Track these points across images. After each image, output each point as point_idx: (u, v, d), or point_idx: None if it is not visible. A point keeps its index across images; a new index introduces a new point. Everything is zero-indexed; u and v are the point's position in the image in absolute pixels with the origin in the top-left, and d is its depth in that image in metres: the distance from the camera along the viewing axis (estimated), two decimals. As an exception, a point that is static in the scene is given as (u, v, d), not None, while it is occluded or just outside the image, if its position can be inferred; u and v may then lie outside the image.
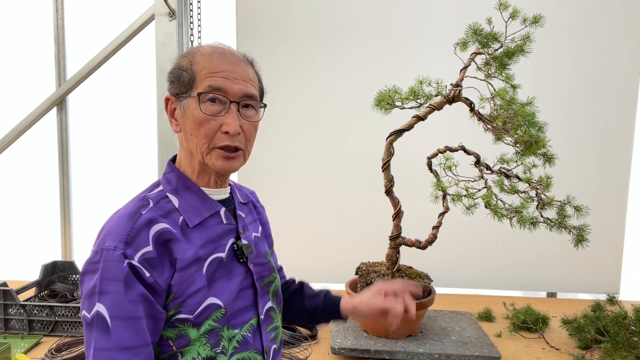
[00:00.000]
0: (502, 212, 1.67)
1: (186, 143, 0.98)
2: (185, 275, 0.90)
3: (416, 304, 1.71)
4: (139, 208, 0.91)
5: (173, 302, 0.89)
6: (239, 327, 0.98)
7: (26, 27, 2.78)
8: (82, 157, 2.84)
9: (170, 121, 1.00)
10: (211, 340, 0.93)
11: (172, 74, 0.98)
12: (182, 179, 0.99)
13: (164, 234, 0.89)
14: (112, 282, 0.84)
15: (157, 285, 0.87)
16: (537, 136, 1.60)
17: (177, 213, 0.94)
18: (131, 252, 0.85)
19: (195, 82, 0.94)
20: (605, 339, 1.73)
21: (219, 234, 0.99)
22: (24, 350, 1.72)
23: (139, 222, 0.88)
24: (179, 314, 0.90)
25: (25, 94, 2.77)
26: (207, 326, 0.92)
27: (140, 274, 0.85)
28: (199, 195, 0.99)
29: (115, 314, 0.83)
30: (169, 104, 1.00)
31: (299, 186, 2.59)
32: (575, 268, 2.51)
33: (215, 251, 0.97)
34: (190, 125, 0.94)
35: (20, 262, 2.79)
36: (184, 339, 0.91)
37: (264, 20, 2.54)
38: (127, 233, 0.86)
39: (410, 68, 2.27)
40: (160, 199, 0.95)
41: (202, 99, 0.92)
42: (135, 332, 0.84)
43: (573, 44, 2.44)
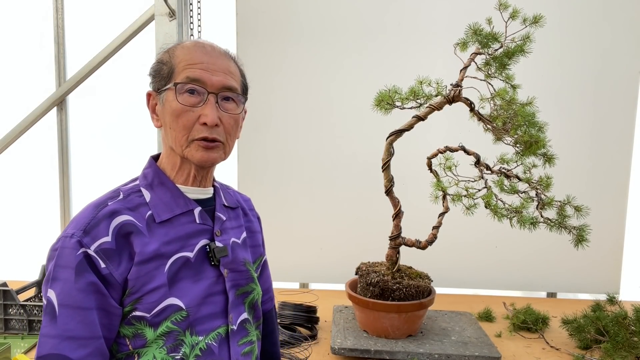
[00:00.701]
0: (502, 212, 1.67)
1: (166, 137, 0.96)
2: (143, 271, 0.88)
3: (416, 304, 1.73)
4: (106, 199, 0.91)
5: (129, 297, 0.87)
6: (204, 335, 0.93)
7: (26, 27, 2.78)
8: (82, 157, 2.84)
9: (152, 117, 0.99)
10: (168, 343, 0.89)
11: (152, 68, 0.97)
12: (159, 175, 0.98)
13: (125, 226, 0.88)
14: (64, 269, 0.83)
15: (112, 278, 0.85)
16: (537, 136, 1.59)
17: (147, 207, 0.93)
18: (88, 241, 0.84)
19: (174, 74, 0.93)
20: (605, 339, 1.73)
21: (189, 233, 0.96)
22: (24, 350, 1.72)
23: (102, 212, 0.87)
24: (135, 311, 0.87)
25: (25, 94, 2.77)
26: (164, 327, 0.89)
27: (96, 264, 0.84)
28: (174, 192, 0.97)
29: (63, 301, 0.82)
30: (150, 100, 0.99)
31: (299, 186, 2.59)
32: (575, 268, 2.51)
33: (181, 250, 0.93)
34: (169, 117, 0.93)
35: (20, 262, 2.79)
36: (140, 339, 0.88)
37: (264, 20, 2.54)
38: (87, 222, 0.86)
39: (410, 68, 2.27)
40: (131, 193, 0.94)
41: (179, 90, 0.91)
42: (83, 322, 0.82)
43: (573, 44, 2.44)
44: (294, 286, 2.63)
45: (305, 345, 1.80)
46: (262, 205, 2.58)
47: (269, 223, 2.61)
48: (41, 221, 2.87)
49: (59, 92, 2.72)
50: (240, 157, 2.58)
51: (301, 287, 2.65)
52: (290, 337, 1.83)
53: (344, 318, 1.98)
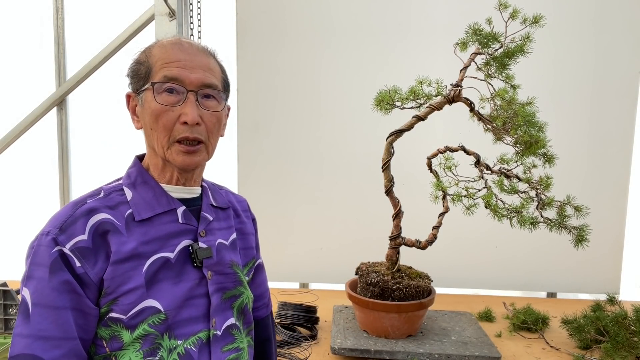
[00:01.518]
0: (502, 212, 1.67)
1: (147, 139, 0.94)
2: (120, 270, 0.85)
3: (416, 304, 1.73)
4: (86, 197, 0.90)
5: (105, 298, 0.84)
6: (183, 339, 0.90)
7: (26, 27, 2.78)
8: (82, 157, 2.84)
9: (132, 118, 0.97)
10: (145, 346, 0.86)
11: (129, 69, 0.94)
12: (142, 174, 0.96)
13: (103, 224, 0.86)
14: (39, 267, 0.82)
15: (87, 277, 0.83)
16: (537, 136, 1.59)
17: (127, 206, 0.91)
18: (63, 239, 0.82)
19: (152, 74, 0.90)
20: (605, 339, 1.73)
21: (170, 233, 0.93)
22: (24, 350, 1.71)
23: (79, 210, 0.86)
24: (112, 313, 0.85)
25: (25, 94, 2.77)
26: (141, 330, 0.86)
27: (71, 263, 0.82)
28: (156, 191, 0.94)
29: (36, 300, 0.80)
30: (130, 101, 0.96)
31: (299, 186, 2.59)
32: (575, 268, 2.51)
33: (161, 250, 0.90)
34: (149, 118, 0.90)
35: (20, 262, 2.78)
36: (117, 342, 0.85)
37: (264, 20, 2.54)
38: (64, 220, 0.84)
39: (410, 68, 2.27)
40: (112, 191, 0.93)
41: (157, 90, 0.88)
42: (57, 322, 0.80)
43: (573, 44, 2.44)
44: (294, 286, 2.63)
45: (305, 345, 1.80)
46: (262, 206, 2.59)
47: (269, 223, 2.62)
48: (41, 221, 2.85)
49: (59, 92, 2.72)
50: (240, 157, 2.58)
51: (301, 287, 2.65)
52: (290, 337, 1.83)
53: (344, 318, 1.98)
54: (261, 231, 1.25)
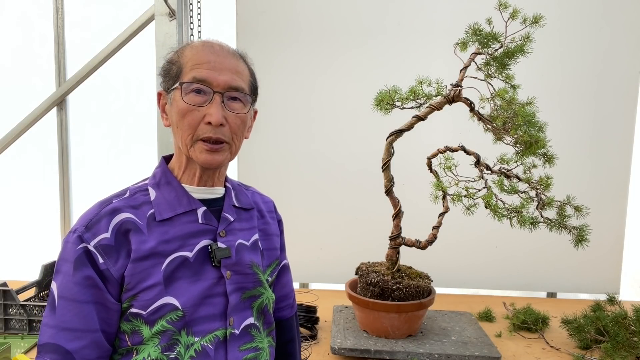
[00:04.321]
0: (502, 212, 1.67)
1: (174, 137, 0.98)
2: (139, 268, 0.89)
3: (416, 304, 1.73)
4: (113, 197, 0.95)
5: (126, 293, 0.89)
6: (200, 336, 0.92)
7: (26, 27, 2.78)
8: (82, 157, 2.84)
9: (162, 116, 1.00)
10: (163, 342, 0.89)
11: (162, 68, 0.99)
12: (166, 174, 0.99)
13: (125, 223, 0.90)
14: (65, 262, 0.87)
15: (109, 273, 0.87)
16: (537, 136, 1.59)
17: (150, 206, 0.94)
18: (89, 237, 0.87)
19: (182, 74, 0.93)
20: (605, 339, 1.73)
21: (190, 233, 0.95)
22: (24, 350, 1.72)
23: (105, 209, 0.91)
24: (132, 308, 0.89)
25: (25, 94, 2.77)
26: (159, 326, 0.89)
27: (94, 259, 0.87)
28: (178, 192, 0.97)
29: (62, 293, 0.86)
30: (160, 99, 1.00)
31: (299, 186, 2.59)
32: (575, 268, 2.51)
33: (180, 249, 0.93)
34: (176, 116, 0.94)
35: (20, 262, 2.79)
36: (138, 336, 0.89)
37: (264, 20, 2.54)
38: (90, 218, 0.90)
39: (410, 68, 2.27)
40: (138, 191, 0.97)
41: (185, 89, 0.91)
42: (79, 315, 0.85)
43: (573, 44, 2.44)
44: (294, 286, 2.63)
45: (305, 345, 1.80)
46: (262, 205, 2.58)
47: (269, 223, 2.61)
48: (41, 221, 2.87)
49: (59, 92, 2.72)
50: (240, 157, 2.58)
51: (301, 287, 2.65)
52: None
53: (344, 318, 1.98)
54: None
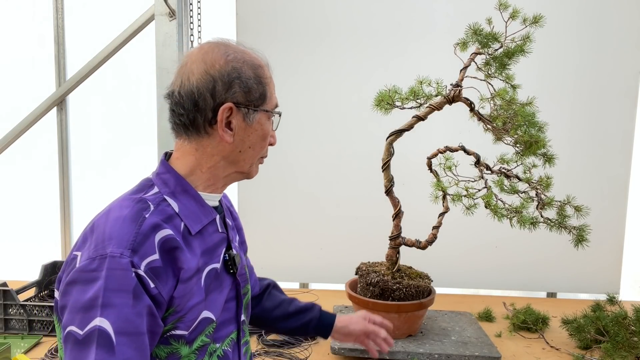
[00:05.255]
0: (502, 212, 1.67)
1: (230, 154, 0.92)
2: (188, 288, 0.84)
3: (416, 304, 1.73)
4: (140, 210, 0.83)
5: (172, 316, 0.82)
6: (221, 341, 0.92)
7: (26, 27, 2.77)
8: (82, 157, 2.84)
9: (224, 131, 0.89)
10: (200, 357, 0.87)
11: (240, 83, 0.89)
12: (180, 182, 0.91)
13: (169, 241, 0.82)
14: (119, 293, 0.75)
15: (161, 297, 0.79)
16: (537, 136, 1.60)
17: (178, 219, 0.87)
18: (137, 261, 0.77)
19: (267, 98, 0.93)
20: (605, 339, 1.73)
21: (215, 243, 0.94)
22: (24, 350, 1.72)
23: (144, 226, 0.80)
24: (176, 330, 0.83)
25: (25, 94, 2.77)
26: (199, 342, 0.86)
27: (146, 285, 0.77)
28: (197, 201, 0.91)
29: (120, 329, 0.74)
30: (224, 112, 0.88)
31: (299, 186, 2.59)
32: (575, 268, 2.51)
33: (211, 261, 0.91)
34: (255, 138, 0.93)
35: (20, 262, 2.79)
36: (174, 357, 0.84)
37: (264, 20, 2.54)
38: (132, 238, 0.78)
39: (410, 68, 2.26)
40: (159, 202, 0.86)
41: (273, 116, 0.96)
42: (139, 349, 0.76)
43: (573, 44, 2.44)
44: (294, 286, 2.63)
45: (305, 345, 1.80)
46: (262, 205, 2.59)
47: (269, 223, 2.62)
48: (41, 221, 2.87)
49: (59, 92, 2.72)
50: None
51: (301, 287, 2.65)
52: (290, 337, 1.83)
53: (344, 318, 1.98)
54: (261, 231, 1.26)
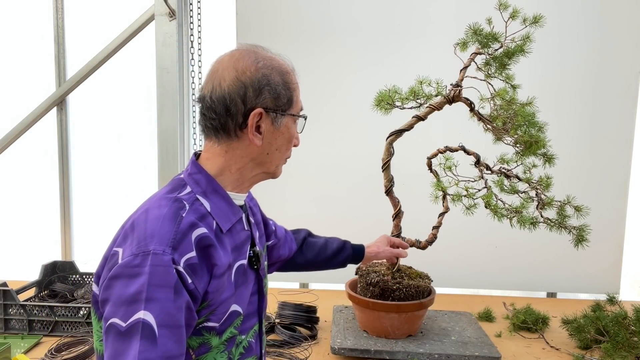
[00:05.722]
0: (502, 212, 1.67)
1: (258, 155, 0.98)
2: (220, 283, 0.89)
3: (416, 304, 1.73)
4: (177, 210, 0.88)
5: (206, 309, 0.88)
6: (246, 333, 0.99)
7: (26, 27, 2.77)
8: (82, 157, 2.84)
9: (254, 134, 0.95)
10: (229, 348, 0.94)
11: (269, 89, 0.95)
12: (211, 182, 0.96)
13: (204, 239, 0.87)
14: (162, 288, 0.79)
15: (197, 292, 0.84)
16: (537, 136, 1.59)
17: (210, 217, 0.92)
18: (177, 257, 0.82)
19: (294, 103, 1.00)
20: (605, 339, 1.73)
21: (242, 241, 1.00)
22: (24, 350, 1.72)
23: (182, 225, 0.85)
24: (208, 322, 0.89)
25: (25, 94, 2.77)
26: (228, 334, 0.93)
27: (184, 280, 0.82)
28: (227, 200, 0.97)
29: (162, 322, 0.78)
30: (254, 117, 0.94)
31: (299, 186, 2.59)
32: (575, 268, 2.51)
33: (239, 258, 0.98)
34: (282, 141, 1.00)
35: (20, 262, 2.79)
36: (205, 347, 0.90)
37: (264, 20, 2.54)
38: (172, 237, 0.83)
39: (410, 68, 2.26)
40: (193, 201, 0.92)
41: (299, 120, 1.02)
42: (178, 341, 0.81)
43: (573, 44, 2.44)
44: (294, 286, 2.63)
45: (305, 345, 1.80)
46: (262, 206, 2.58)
47: (269, 223, 2.61)
48: (41, 221, 2.87)
49: (59, 92, 2.72)
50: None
51: (301, 287, 2.65)
52: (290, 337, 1.83)
53: (344, 318, 1.98)
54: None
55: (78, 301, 1.99)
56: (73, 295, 2.06)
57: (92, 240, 2.85)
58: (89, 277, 2.20)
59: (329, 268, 1.56)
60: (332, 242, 1.54)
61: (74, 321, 1.85)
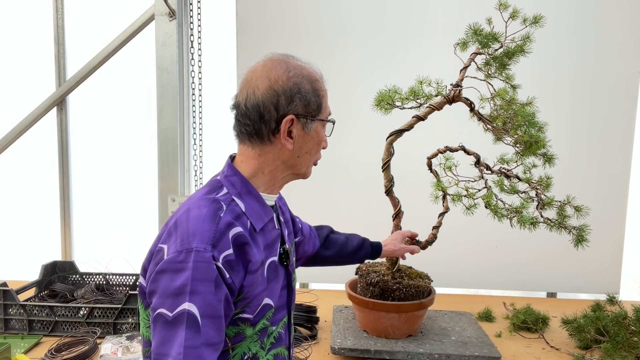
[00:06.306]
0: (502, 212, 1.67)
1: (289, 158, 1.05)
2: (255, 278, 0.96)
3: (416, 304, 1.73)
4: (216, 210, 0.95)
5: (241, 302, 0.95)
6: (276, 325, 1.05)
7: (26, 27, 2.77)
8: (82, 157, 2.84)
9: (286, 139, 1.02)
10: (262, 337, 1.00)
11: (301, 97, 1.01)
12: (246, 184, 1.03)
13: (240, 237, 0.94)
14: (204, 282, 0.87)
15: (234, 286, 0.92)
16: (537, 136, 1.59)
17: (245, 217, 0.99)
18: (217, 254, 0.89)
19: (322, 108, 1.06)
20: (605, 339, 1.73)
21: (274, 239, 1.07)
22: (24, 350, 1.72)
23: (220, 225, 0.92)
24: (243, 314, 0.96)
25: (25, 94, 2.77)
26: (261, 325, 1.00)
27: (223, 275, 0.90)
28: (259, 201, 1.04)
29: (205, 312, 0.86)
30: (286, 123, 1.01)
31: (299, 186, 2.58)
32: (575, 268, 2.51)
33: (271, 255, 1.05)
34: (312, 144, 1.07)
35: (20, 262, 2.79)
36: (240, 336, 0.97)
37: (264, 20, 2.54)
38: (212, 235, 0.90)
39: (410, 68, 2.27)
40: (230, 202, 0.99)
41: (328, 125, 1.09)
42: (219, 329, 0.89)
43: (573, 44, 2.44)
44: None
45: (305, 345, 1.80)
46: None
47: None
48: (41, 221, 2.87)
49: (59, 92, 2.72)
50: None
51: (301, 287, 2.65)
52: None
53: (344, 318, 1.98)
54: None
55: (78, 301, 1.99)
56: (73, 295, 2.06)
57: (92, 240, 2.85)
58: (89, 277, 2.20)
59: (349, 264, 1.64)
60: (352, 240, 1.61)
61: (74, 321, 1.85)
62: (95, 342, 1.72)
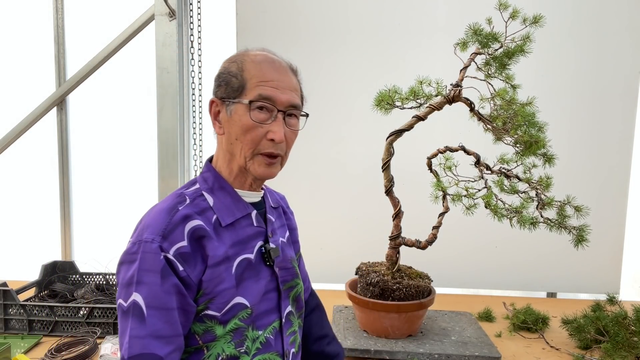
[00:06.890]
0: (502, 212, 1.67)
1: (228, 146, 1.00)
2: (216, 273, 0.93)
3: (416, 304, 1.73)
4: (176, 204, 0.95)
5: (203, 297, 0.92)
6: (263, 329, 1.01)
7: (26, 27, 2.77)
8: (82, 157, 2.84)
9: (214, 123, 1.03)
10: (236, 339, 0.96)
11: (220, 77, 1.01)
12: (218, 179, 1.02)
13: (198, 230, 0.93)
14: (149, 273, 0.87)
15: (190, 280, 0.90)
16: (537, 136, 1.59)
17: (211, 212, 0.98)
18: (167, 246, 0.89)
19: (245, 89, 0.97)
20: (605, 339, 1.73)
21: (249, 236, 1.03)
22: (24, 350, 1.72)
23: (175, 217, 0.92)
24: (208, 310, 0.93)
25: (25, 94, 2.77)
26: (232, 325, 0.95)
27: (175, 268, 0.89)
28: (233, 196, 1.02)
29: (151, 303, 0.86)
30: (213, 107, 1.02)
31: (299, 186, 2.59)
32: (575, 268, 2.51)
33: (243, 252, 1.00)
34: (237, 130, 0.97)
35: (20, 262, 2.79)
36: (210, 335, 0.94)
37: (264, 20, 2.54)
38: (164, 227, 0.90)
39: (410, 68, 2.27)
40: (196, 197, 0.98)
41: (252, 107, 0.96)
42: (169, 322, 0.88)
43: (573, 44, 2.44)
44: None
45: (305, 345, 1.80)
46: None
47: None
48: (41, 221, 2.87)
49: (59, 92, 2.72)
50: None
51: (301, 287, 2.65)
52: None
53: (344, 318, 1.98)
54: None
55: (78, 301, 1.99)
56: (73, 295, 2.06)
57: (92, 240, 2.85)
58: (89, 277, 2.20)
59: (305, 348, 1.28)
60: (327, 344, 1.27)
61: (74, 321, 1.85)
62: (95, 342, 1.72)
